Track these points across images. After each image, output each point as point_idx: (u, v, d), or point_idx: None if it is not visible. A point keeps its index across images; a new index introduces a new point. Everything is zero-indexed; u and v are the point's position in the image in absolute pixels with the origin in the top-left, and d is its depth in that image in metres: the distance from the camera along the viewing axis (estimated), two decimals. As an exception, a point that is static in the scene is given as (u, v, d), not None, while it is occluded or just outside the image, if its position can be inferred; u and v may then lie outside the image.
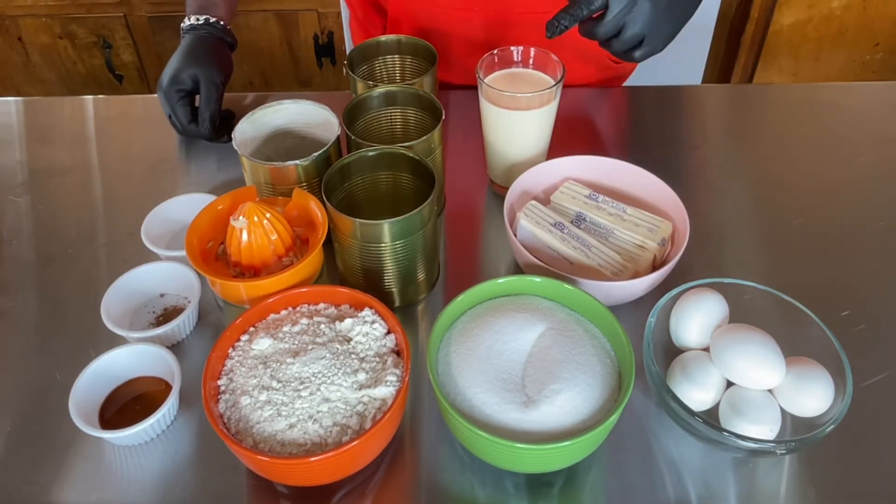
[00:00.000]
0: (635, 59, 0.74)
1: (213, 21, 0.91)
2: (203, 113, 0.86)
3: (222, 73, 0.88)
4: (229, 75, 0.90)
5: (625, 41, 0.71)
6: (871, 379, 0.65)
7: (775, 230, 0.80)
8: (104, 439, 0.62)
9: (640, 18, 0.70)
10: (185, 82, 0.86)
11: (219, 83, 0.87)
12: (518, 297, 0.65)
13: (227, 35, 0.93)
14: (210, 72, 0.86)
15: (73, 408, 0.60)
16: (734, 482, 0.59)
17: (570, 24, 0.70)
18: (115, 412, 0.63)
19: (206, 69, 0.86)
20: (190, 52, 0.88)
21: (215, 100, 0.86)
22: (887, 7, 1.74)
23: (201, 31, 0.90)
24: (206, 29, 0.90)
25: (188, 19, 0.92)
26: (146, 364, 0.65)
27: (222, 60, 0.90)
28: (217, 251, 0.71)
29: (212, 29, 0.91)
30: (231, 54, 0.93)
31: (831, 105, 0.96)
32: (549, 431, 0.55)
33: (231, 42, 0.94)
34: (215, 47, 0.90)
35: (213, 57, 0.88)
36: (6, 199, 0.85)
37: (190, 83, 0.86)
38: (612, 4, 0.69)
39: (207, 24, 0.91)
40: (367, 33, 1.07)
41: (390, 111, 0.79)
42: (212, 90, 0.86)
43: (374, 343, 0.61)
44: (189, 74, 0.86)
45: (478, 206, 0.84)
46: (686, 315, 0.63)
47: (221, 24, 0.92)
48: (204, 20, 0.91)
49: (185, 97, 0.87)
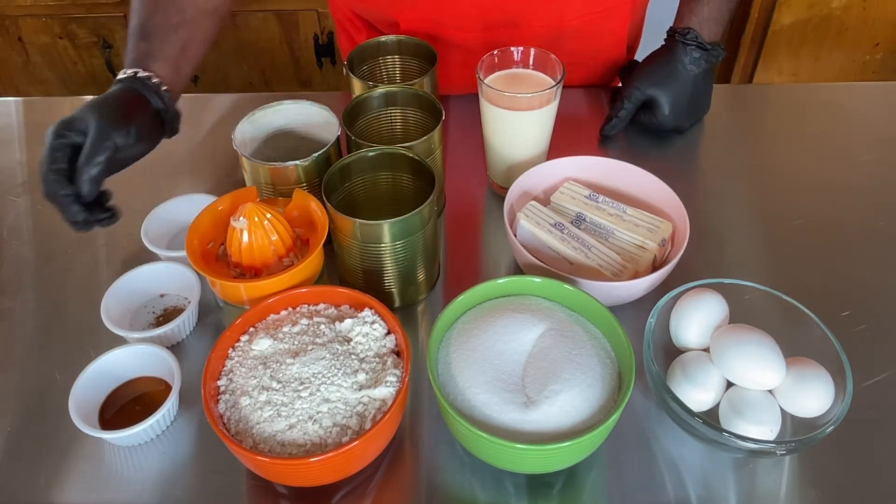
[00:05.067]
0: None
1: (142, 76, 0.73)
2: (83, 169, 0.65)
3: (126, 134, 0.67)
4: (143, 146, 0.71)
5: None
6: (871, 379, 0.65)
7: (775, 230, 0.79)
8: (104, 439, 0.62)
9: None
10: (72, 131, 0.67)
11: (113, 144, 0.66)
12: (518, 297, 0.65)
13: (158, 96, 0.73)
14: (105, 126, 0.66)
15: (72, 408, 0.60)
16: (734, 482, 0.59)
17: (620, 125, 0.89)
18: (115, 412, 0.63)
19: (102, 122, 0.66)
20: (97, 101, 0.69)
21: (100, 161, 0.65)
22: (887, 7, 1.74)
23: (125, 83, 0.72)
24: (134, 83, 0.72)
25: (119, 75, 0.74)
26: (146, 364, 0.65)
27: (133, 119, 0.69)
28: (217, 252, 0.71)
29: (138, 84, 0.72)
30: (160, 124, 0.74)
31: (831, 105, 0.96)
32: (549, 432, 0.55)
33: (162, 108, 0.73)
34: (132, 104, 0.71)
35: (123, 113, 0.69)
36: (6, 199, 0.85)
37: (79, 132, 0.67)
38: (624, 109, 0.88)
39: (135, 79, 0.72)
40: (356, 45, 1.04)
41: (390, 111, 0.79)
42: (98, 146, 0.65)
43: (373, 343, 0.61)
44: (81, 122, 0.67)
45: (478, 207, 0.84)
46: (686, 315, 0.63)
47: (154, 81, 0.73)
48: (132, 73, 0.73)
49: (67, 146, 0.67)
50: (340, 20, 1.04)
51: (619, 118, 0.88)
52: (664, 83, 0.86)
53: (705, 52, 0.85)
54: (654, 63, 0.87)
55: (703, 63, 0.85)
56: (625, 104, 0.87)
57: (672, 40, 0.87)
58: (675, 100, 0.86)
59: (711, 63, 0.86)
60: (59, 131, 0.66)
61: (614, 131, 0.89)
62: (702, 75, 0.86)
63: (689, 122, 0.90)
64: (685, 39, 0.85)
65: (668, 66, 0.86)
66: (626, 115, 0.88)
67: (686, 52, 0.85)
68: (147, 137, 0.71)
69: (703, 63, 0.85)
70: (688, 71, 0.85)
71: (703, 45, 0.85)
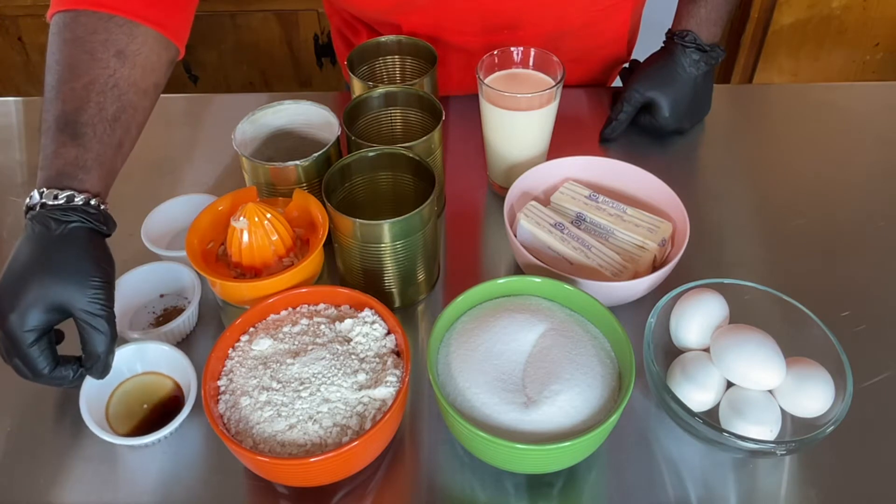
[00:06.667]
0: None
1: (79, 202, 0.58)
2: (95, 360, 0.56)
3: (105, 294, 0.56)
4: (113, 287, 0.58)
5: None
6: (871, 379, 0.65)
7: (775, 230, 0.79)
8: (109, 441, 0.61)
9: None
10: (42, 318, 0.54)
11: (107, 314, 0.56)
12: (518, 297, 0.65)
13: (104, 222, 0.59)
14: (89, 298, 0.55)
15: (84, 409, 0.59)
16: (734, 483, 0.59)
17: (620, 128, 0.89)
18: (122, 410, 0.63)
19: (82, 293, 0.55)
20: (44, 262, 0.55)
21: (106, 339, 0.56)
22: (887, 7, 1.74)
23: (63, 218, 0.57)
24: (72, 215, 0.57)
25: (36, 193, 0.58)
26: (151, 360, 0.65)
27: (101, 267, 0.57)
28: (217, 252, 0.71)
29: (79, 215, 0.57)
30: (108, 249, 0.60)
31: (831, 105, 0.96)
32: (549, 432, 0.55)
33: (108, 233, 0.61)
34: (87, 246, 0.57)
35: (89, 267, 0.56)
36: (6, 199, 0.85)
37: (52, 317, 0.55)
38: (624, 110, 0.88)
39: (71, 208, 0.57)
40: (352, 47, 1.04)
41: (390, 112, 0.79)
42: (99, 327, 0.56)
43: (374, 343, 0.61)
44: (49, 302, 0.54)
45: (478, 207, 0.84)
46: (686, 315, 0.63)
47: (94, 202, 0.59)
48: (65, 199, 0.57)
49: (41, 338, 0.55)
50: (337, 24, 1.04)
51: (619, 121, 0.88)
52: (664, 86, 0.86)
53: (704, 54, 0.85)
54: (654, 66, 0.87)
55: (703, 65, 0.85)
56: (624, 107, 0.87)
57: (671, 43, 0.87)
58: (675, 102, 0.86)
59: (711, 65, 0.86)
60: (19, 329, 0.54)
61: (614, 134, 0.89)
62: (702, 77, 0.86)
63: (690, 124, 0.90)
64: (684, 42, 0.85)
65: (668, 68, 0.86)
66: (626, 118, 0.88)
67: (685, 54, 0.85)
68: (113, 274, 0.59)
69: (702, 65, 0.85)
70: (687, 73, 0.85)
71: (701, 47, 0.85)
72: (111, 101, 0.63)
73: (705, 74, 0.87)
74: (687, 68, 0.85)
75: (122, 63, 0.64)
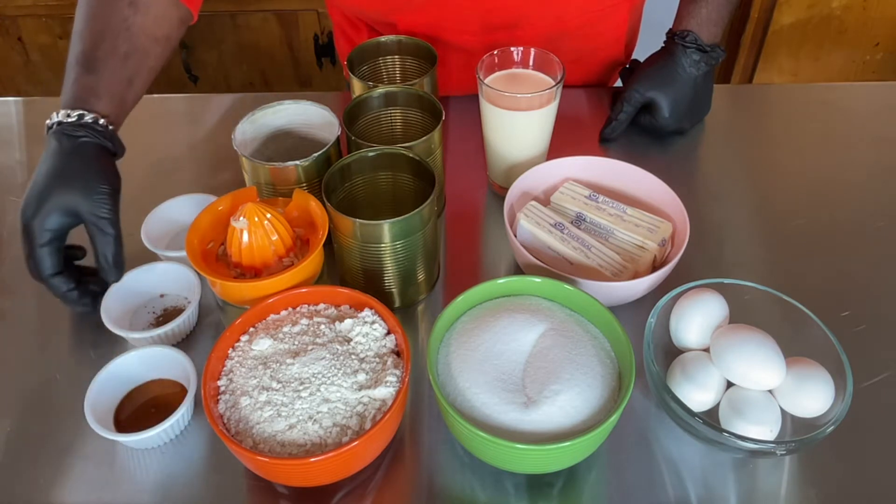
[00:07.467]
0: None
1: (88, 120, 0.66)
2: (105, 261, 0.64)
3: (111, 199, 0.64)
4: (118, 196, 0.66)
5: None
6: (871, 379, 0.65)
7: (775, 230, 0.80)
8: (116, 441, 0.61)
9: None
10: (56, 220, 0.63)
11: (111, 217, 0.64)
12: (518, 297, 0.65)
13: (109, 139, 0.68)
14: (94, 202, 0.63)
15: (88, 410, 0.59)
16: (734, 483, 0.59)
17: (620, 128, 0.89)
18: (131, 415, 0.63)
19: (89, 198, 0.63)
20: (58, 172, 0.64)
21: (112, 241, 0.64)
22: (887, 7, 1.74)
23: (74, 133, 0.66)
24: (81, 131, 0.66)
25: (56, 114, 0.67)
26: (163, 366, 0.65)
27: (106, 176, 0.65)
28: (217, 252, 0.71)
29: (88, 131, 0.66)
30: (115, 164, 0.69)
31: (831, 105, 0.96)
32: (549, 432, 0.55)
33: (114, 150, 0.69)
34: (94, 158, 0.66)
35: (94, 175, 0.64)
36: (6, 199, 0.85)
37: (65, 220, 0.64)
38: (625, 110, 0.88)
39: (81, 125, 0.66)
40: (354, 45, 1.04)
41: (390, 112, 0.79)
42: (104, 228, 0.63)
43: (373, 343, 0.61)
44: (62, 206, 0.63)
45: (478, 207, 0.84)
46: (686, 315, 0.63)
47: (102, 122, 0.67)
48: (77, 117, 0.66)
49: (52, 241, 0.64)
50: (339, 22, 1.04)
51: (619, 121, 0.88)
52: (664, 86, 0.86)
53: (705, 55, 0.85)
54: (654, 66, 0.87)
55: (703, 65, 0.85)
56: (624, 107, 0.87)
57: (671, 43, 0.87)
58: (675, 102, 0.86)
59: (711, 65, 0.86)
60: (38, 226, 0.62)
61: (614, 134, 0.89)
62: (702, 77, 0.86)
63: (690, 124, 0.90)
64: (684, 42, 0.85)
65: (668, 68, 0.86)
66: (626, 118, 0.88)
67: (685, 54, 0.85)
68: (119, 188, 0.67)
69: (702, 65, 0.85)
70: (687, 74, 0.85)
71: (702, 48, 0.85)
72: (123, 41, 0.72)
73: (705, 75, 0.87)
74: (687, 68, 0.85)
75: (135, 11, 0.73)
